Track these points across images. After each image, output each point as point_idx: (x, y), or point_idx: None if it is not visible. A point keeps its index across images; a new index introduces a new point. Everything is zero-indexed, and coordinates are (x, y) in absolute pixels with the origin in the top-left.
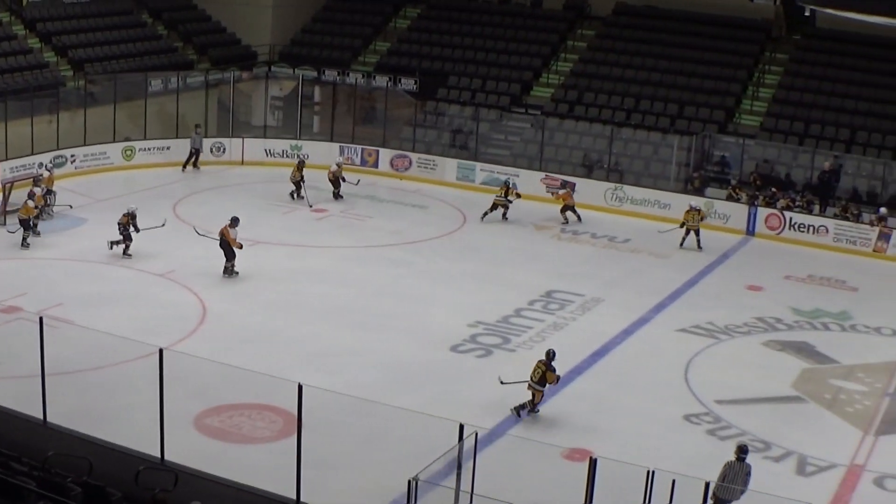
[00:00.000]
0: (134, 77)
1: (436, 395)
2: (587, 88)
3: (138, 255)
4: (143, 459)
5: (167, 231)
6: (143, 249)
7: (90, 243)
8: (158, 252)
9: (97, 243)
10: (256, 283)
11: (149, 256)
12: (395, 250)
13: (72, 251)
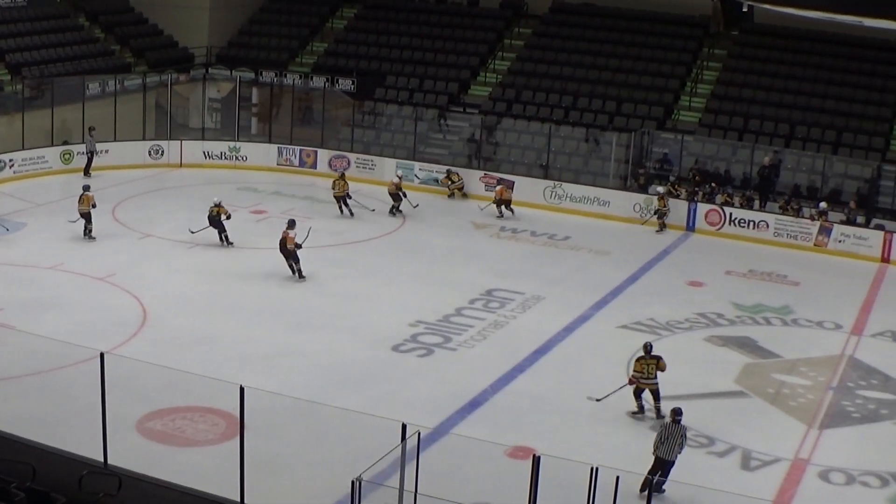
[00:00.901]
0: (71, 80)
1: (378, 395)
2: (525, 86)
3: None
4: (86, 464)
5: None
6: (82, 254)
7: (29, 248)
8: (98, 256)
9: (37, 248)
10: (196, 285)
11: (89, 260)
12: (336, 250)
13: (11, 256)
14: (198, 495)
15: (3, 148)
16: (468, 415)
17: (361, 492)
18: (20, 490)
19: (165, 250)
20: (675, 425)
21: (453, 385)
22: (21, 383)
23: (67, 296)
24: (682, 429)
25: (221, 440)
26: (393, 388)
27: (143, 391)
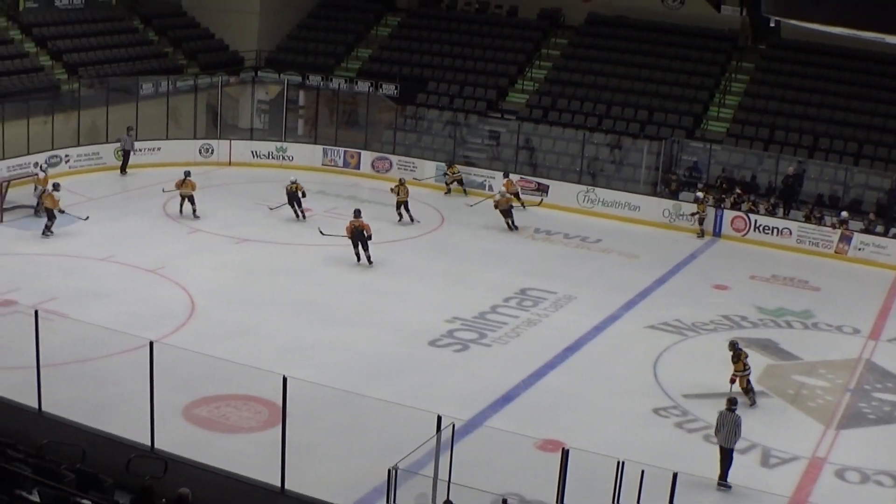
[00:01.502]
0: (125, 81)
1: (414, 387)
2: (560, 94)
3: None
4: (133, 448)
5: (158, 229)
6: (132, 246)
7: (82, 241)
8: (149, 249)
9: (89, 240)
10: (241, 279)
11: (140, 254)
12: (376, 249)
13: (64, 248)
14: (240, 480)
15: (60, 144)
16: (500, 408)
17: (397, 480)
18: (70, 471)
19: (213, 245)
20: (730, 414)
21: (487, 380)
22: (72, 369)
23: (118, 286)
24: (736, 418)
25: (264, 427)
26: (429, 382)
27: (189, 379)
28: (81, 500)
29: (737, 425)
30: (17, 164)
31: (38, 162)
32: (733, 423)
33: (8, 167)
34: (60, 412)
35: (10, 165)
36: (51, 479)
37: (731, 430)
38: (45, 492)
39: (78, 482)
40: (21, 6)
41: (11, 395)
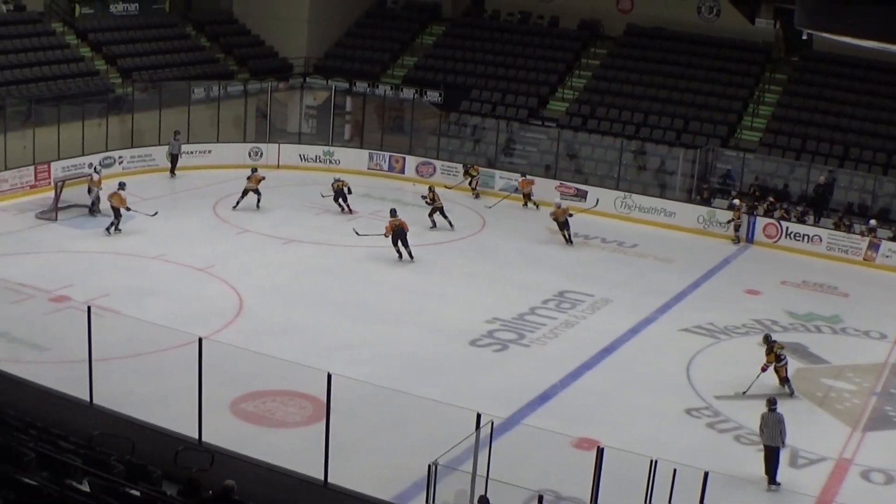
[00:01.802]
0: (178, 85)
1: (454, 386)
2: (600, 103)
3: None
4: (181, 440)
5: (207, 228)
6: (183, 246)
7: (135, 239)
8: (199, 248)
9: (141, 239)
10: (288, 278)
11: (190, 253)
12: (418, 250)
13: (118, 246)
14: (284, 473)
15: (114, 146)
16: (538, 407)
17: (437, 475)
18: (120, 462)
19: (261, 245)
20: (773, 413)
21: (525, 379)
22: (124, 364)
23: (169, 284)
24: (778, 416)
25: (308, 423)
26: (469, 380)
27: (237, 374)
28: (130, 490)
29: (781, 423)
30: (72, 165)
31: (93, 163)
32: (777, 422)
33: (63, 168)
34: (111, 405)
35: (66, 166)
36: (100, 469)
37: (776, 428)
38: (94, 482)
39: (127, 473)
40: (77, 12)
41: (64, 387)
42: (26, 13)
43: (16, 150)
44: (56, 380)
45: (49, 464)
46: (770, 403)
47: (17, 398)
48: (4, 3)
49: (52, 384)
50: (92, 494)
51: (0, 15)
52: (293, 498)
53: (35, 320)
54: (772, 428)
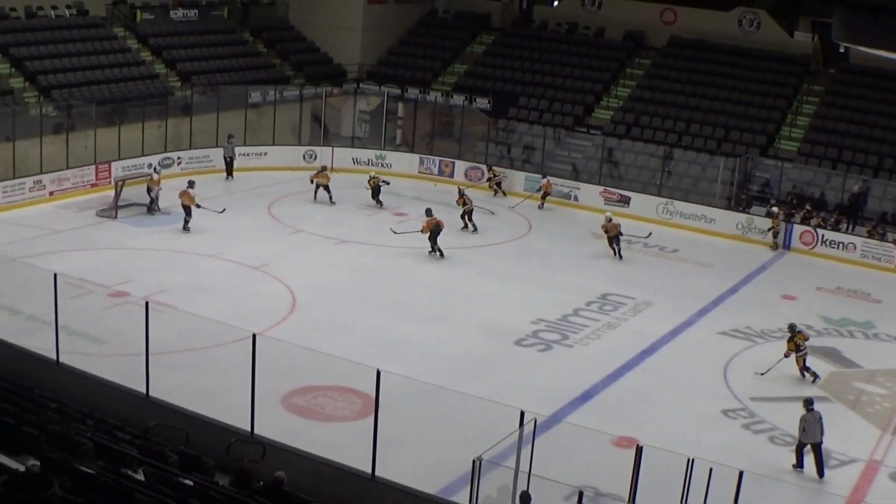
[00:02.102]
0: (235, 89)
1: (499, 384)
2: (643, 112)
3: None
4: (234, 433)
5: (262, 228)
6: (239, 244)
7: (192, 238)
8: (254, 247)
9: (198, 238)
10: (339, 277)
11: (245, 251)
12: (466, 252)
13: (175, 244)
14: (333, 466)
15: (173, 147)
16: (580, 406)
17: (481, 470)
18: (174, 453)
19: (314, 245)
20: (811, 413)
21: (568, 378)
22: (179, 358)
23: (224, 282)
24: (817, 414)
25: (357, 417)
26: (513, 379)
27: (289, 370)
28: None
29: (820, 421)
30: (132, 165)
31: (152, 163)
32: (816, 420)
33: (123, 167)
34: (166, 397)
35: (126, 166)
36: (155, 459)
37: (817, 426)
38: (149, 471)
39: (181, 463)
40: (138, 18)
41: (121, 380)
42: (89, 18)
43: (78, 150)
44: (114, 372)
45: (106, 453)
46: (808, 404)
47: (75, 389)
48: (68, 7)
49: (109, 376)
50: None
51: (64, 19)
52: (341, 490)
53: (94, 315)
54: (813, 426)
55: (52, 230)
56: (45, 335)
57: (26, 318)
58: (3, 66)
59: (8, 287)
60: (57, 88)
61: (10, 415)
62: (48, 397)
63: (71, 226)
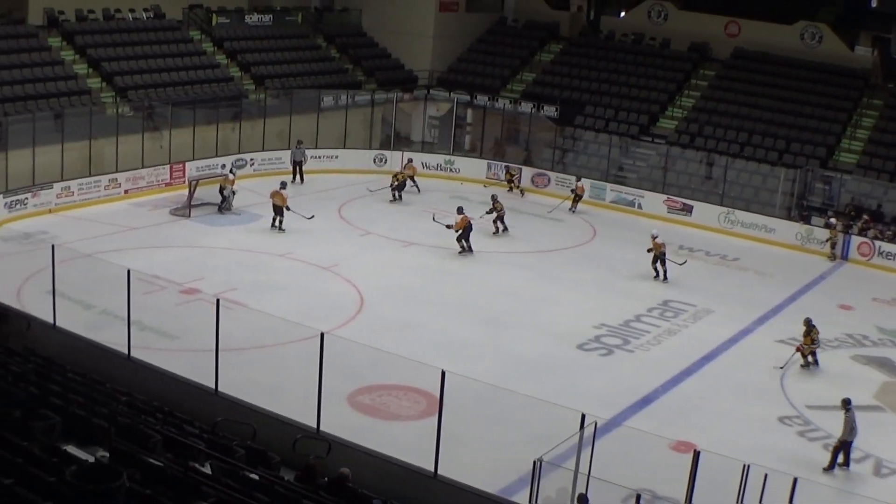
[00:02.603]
0: (308, 93)
1: (560, 386)
2: (707, 122)
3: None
4: (300, 429)
5: (333, 229)
6: (309, 245)
7: (263, 238)
8: (324, 248)
9: (269, 238)
10: (406, 279)
11: (316, 252)
12: (531, 257)
13: (246, 243)
14: (397, 463)
15: (246, 148)
16: (639, 410)
17: (541, 471)
18: (241, 447)
19: (382, 246)
20: (851, 411)
21: (628, 383)
22: (248, 354)
23: (294, 281)
24: (853, 412)
25: (421, 416)
26: (574, 382)
27: (355, 368)
28: (249, 474)
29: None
30: (205, 165)
31: (226, 164)
32: (855, 418)
33: (197, 167)
34: (235, 393)
35: (200, 166)
36: (222, 453)
37: (856, 424)
38: (216, 465)
39: (247, 457)
40: (214, 21)
41: (191, 375)
42: (166, 21)
43: (153, 150)
44: (183, 367)
45: (174, 446)
46: (847, 403)
47: (146, 383)
48: (145, 10)
49: (179, 371)
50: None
51: (141, 22)
52: (404, 488)
53: (166, 310)
54: (855, 424)
55: (126, 227)
56: (117, 329)
57: (99, 312)
58: (81, 66)
59: (82, 282)
60: (133, 89)
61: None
62: (119, 390)
63: (145, 223)
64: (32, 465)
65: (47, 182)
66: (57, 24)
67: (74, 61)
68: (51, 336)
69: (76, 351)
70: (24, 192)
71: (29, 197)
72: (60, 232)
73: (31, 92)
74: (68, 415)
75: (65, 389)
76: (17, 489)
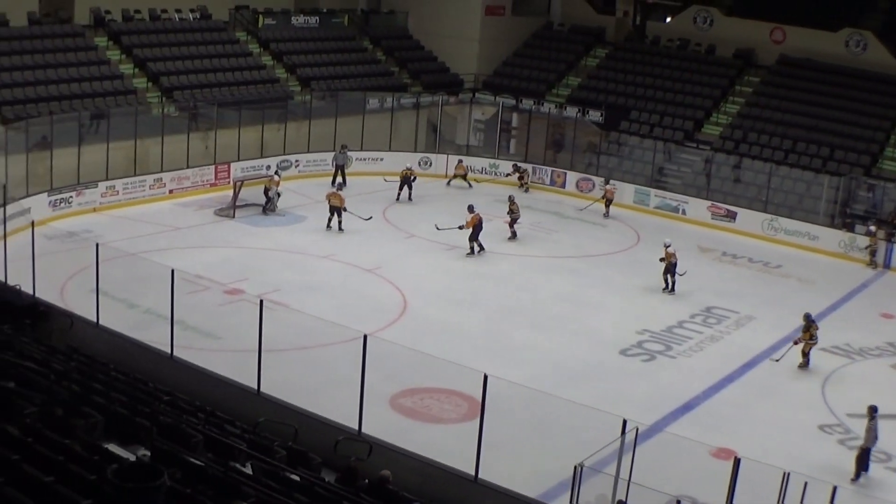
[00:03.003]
0: (354, 95)
1: (603, 392)
2: (751, 129)
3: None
4: (342, 430)
5: (377, 231)
6: (352, 247)
7: (307, 239)
8: (368, 250)
9: (313, 239)
10: (450, 282)
11: (359, 254)
12: (575, 261)
13: (290, 244)
14: (438, 467)
15: (292, 150)
16: (681, 416)
17: (582, 476)
18: (282, 448)
19: (426, 249)
20: (874, 420)
21: (670, 389)
22: (290, 355)
23: (337, 282)
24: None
25: (463, 420)
26: (616, 387)
27: (398, 371)
28: (290, 475)
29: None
30: (250, 166)
31: (270, 165)
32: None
33: (242, 168)
34: (277, 393)
35: (245, 167)
36: (263, 453)
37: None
38: (257, 465)
39: (288, 458)
40: (260, 23)
41: (234, 375)
42: (212, 21)
43: (198, 150)
44: (226, 367)
45: (215, 446)
46: (873, 411)
47: (188, 383)
48: (191, 11)
49: (222, 371)
50: (254, 477)
51: (187, 22)
52: (445, 491)
53: (209, 310)
54: (878, 433)
55: (170, 227)
56: (160, 329)
57: (143, 311)
58: (127, 66)
59: (126, 281)
60: (179, 89)
61: (123, 405)
62: (161, 389)
63: (189, 223)
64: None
65: (92, 181)
66: (103, 24)
67: (121, 61)
68: (94, 334)
69: (119, 350)
70: (69, 190)
71: (74, 196)
72: (104, 231)
73: (76, 91)
74: (110, 413)
75: (107, 388)
76: (57, 487)
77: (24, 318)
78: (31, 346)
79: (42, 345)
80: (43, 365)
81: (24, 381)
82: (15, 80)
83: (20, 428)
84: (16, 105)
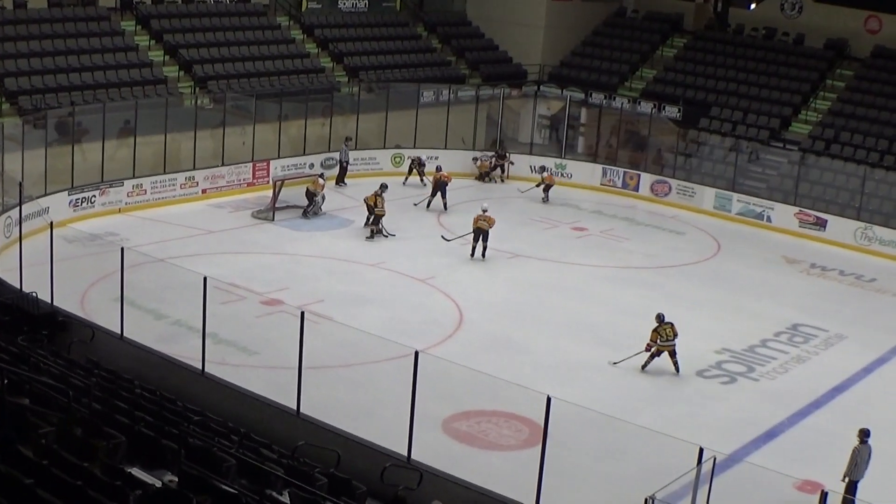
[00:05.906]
0: (406, 87)
1: (678, 416)
2: (844, 127)
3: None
4: (389, 456)
5: (430, 238)
6: (404, 254)
7: (354, 245)
8: (421, 258)
9: (361, 245)
10: (510, 294)
11: (411, 262)
12: (648, 273)
13: (335, 251)
14: (495, 497)
15: (337, 147)
16: (763, 444)
17: None
18: (323, 475)
19: (485, 257)
20: (865, 446)
21: (751, 414)
22: (334, 373)
23: (386, 293)
24: (870, 447)
25: (523, 446)
26: (693, 411)
27: (452, 391)
28: None
29: (870, 456)
30: (291, 164)
31: (313, 163)
32: (869, 455)
33: (283, 167)
34: (318, 415)
35: (286, 165)
36: (303, 481)
37: (867, 462)
38: (295, 493)
39: (330, 487)
40: (304, 7)
41: (270, 393)
42: (251, 5)
43: (235, 146)
44: (263, 385)
45: (249, 472)
46: (865, 435)
47: (221, 402)
48: None
49: (258, 389)
50: None
51: (223, 6)
52: None
53: (245, 322)
54: (866, 462)
55: (203, 230)
56: (190, 342)
57: (171, 322)
58: (157, 53)
59: (154, 289)
60: (214, 79)
61: (149, 426)
62: (191, 409)
63: (224, 227)
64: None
65: (117, 179)
66: (131, 7)
67: (150, 48)
68: (117, 347)
69: (145, 364)
70: (92, 189)
71: (97, 195)
72: (130, 234)
73: (101, 80)
74: (134, 434)
75: (131, 406)
76: None
77: (40, 328)
78: (48, 360)
79: (60, 358)
80: (61, 380)
81: (40, 398)
82: (33, 67)
83: (35, 449)
84: (34, 94)
